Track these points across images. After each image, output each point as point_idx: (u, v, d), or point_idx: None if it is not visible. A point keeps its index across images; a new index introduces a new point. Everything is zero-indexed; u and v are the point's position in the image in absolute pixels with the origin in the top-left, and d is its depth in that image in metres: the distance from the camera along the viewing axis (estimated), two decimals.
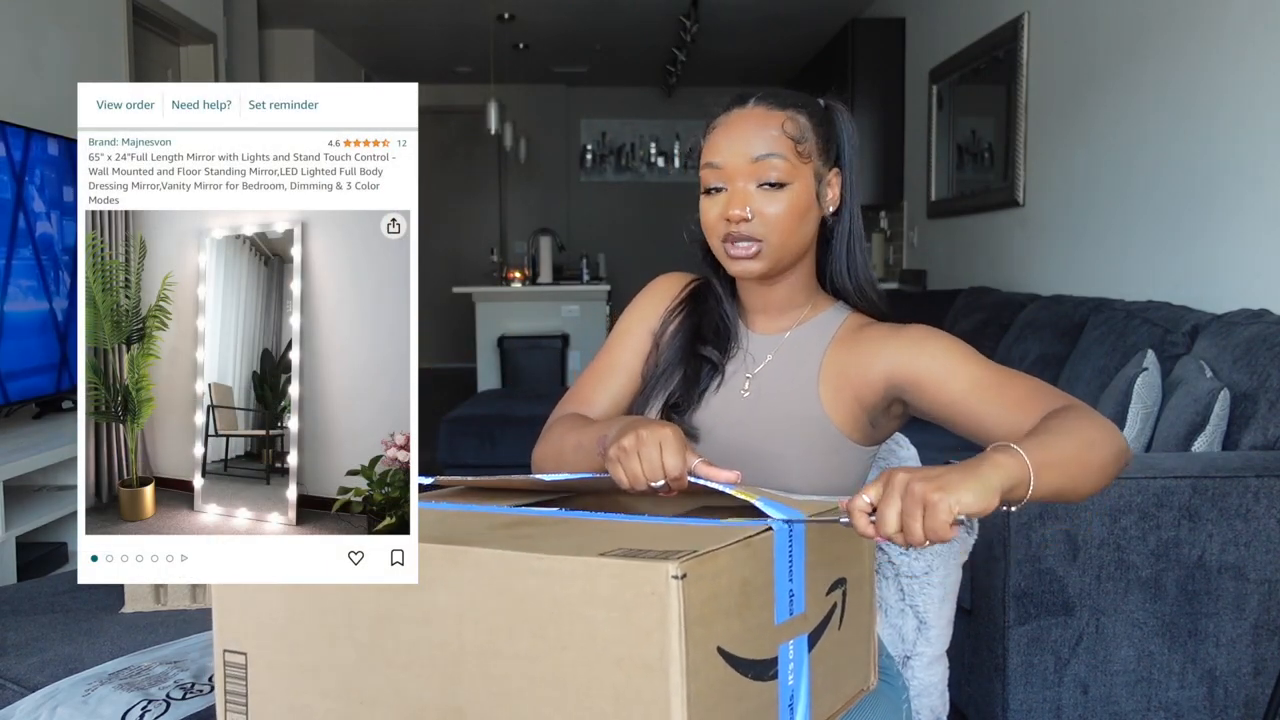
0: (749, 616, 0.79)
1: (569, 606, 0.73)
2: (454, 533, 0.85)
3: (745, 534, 0.79)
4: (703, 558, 0.73)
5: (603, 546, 0.76)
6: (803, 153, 1.16)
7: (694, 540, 0.78)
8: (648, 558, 0.72)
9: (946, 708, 1.31)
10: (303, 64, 6.87)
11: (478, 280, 7.52)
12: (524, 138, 7.99)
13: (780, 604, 0.83)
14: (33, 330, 2.70)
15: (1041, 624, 1.83)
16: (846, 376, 1.18)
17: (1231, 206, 2.60)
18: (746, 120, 1.17)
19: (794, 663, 0.85)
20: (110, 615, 1.67)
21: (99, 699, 1.25)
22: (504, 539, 0.82)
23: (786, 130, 1.15)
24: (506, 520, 0.91)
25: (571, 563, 0.73)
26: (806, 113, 1.18)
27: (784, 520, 0.84)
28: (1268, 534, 1.79)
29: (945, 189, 4.83)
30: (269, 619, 0.89)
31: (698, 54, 7.38)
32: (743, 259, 1.16)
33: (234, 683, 0.92)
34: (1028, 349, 3.12)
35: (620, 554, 0.73)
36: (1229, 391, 2.03)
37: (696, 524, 0.86)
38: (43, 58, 3.26)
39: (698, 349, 1.25)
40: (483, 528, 0.87)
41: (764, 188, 1.15)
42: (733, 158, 1.16)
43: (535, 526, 0.87)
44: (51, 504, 2.49)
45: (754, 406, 1.20)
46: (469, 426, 3.88)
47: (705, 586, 0.72)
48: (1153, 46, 2.98)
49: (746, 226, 1.15)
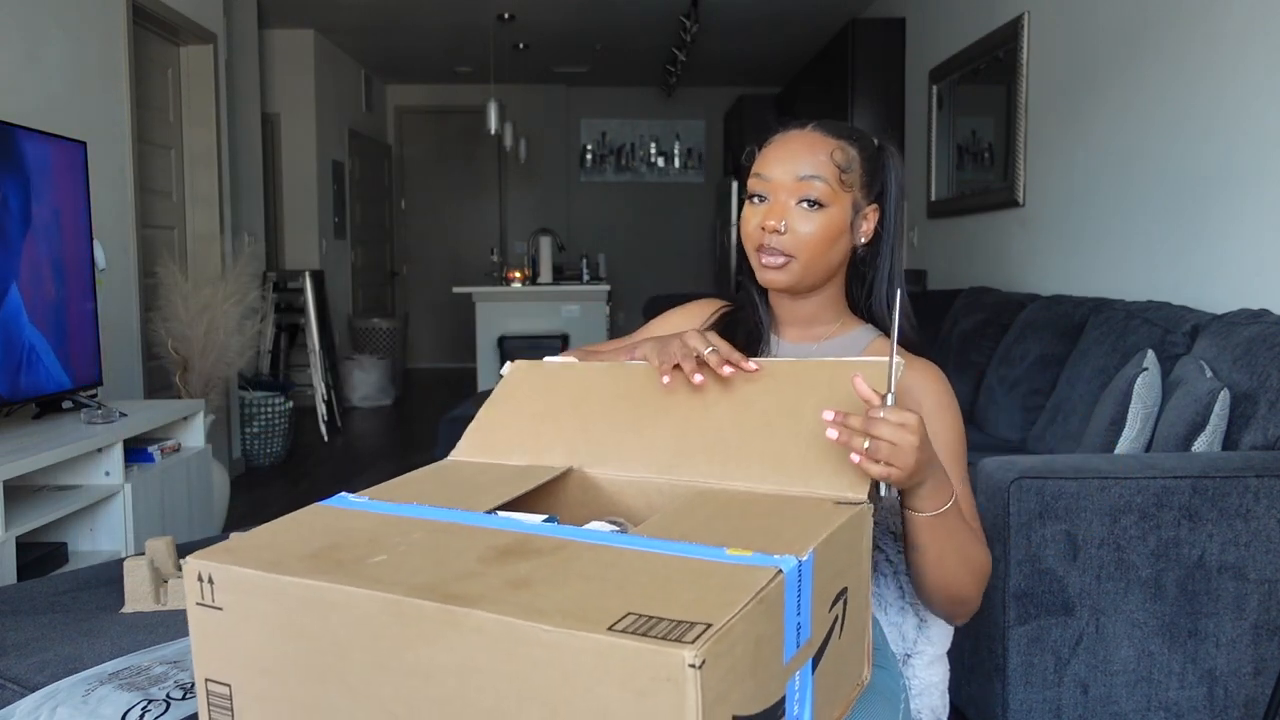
0: (760, 671, 0.76)
1: (580, 683, 0.69)
2: (444, 572, 0.80)
3: (755, 586, 0.76)
4: (720, 635, 0.69)
5: (609, 609, 0.71)
6: (846, 181, 1.23)
7: (702, 594, 0.74)
8: (661, 637, 0.67)
9: (947, 708, 1.31)
10: (303, 64, 6.87)
11: (478, 280, 7.52)
12: (524, 138, 7.99)
13: (789, 642, 0.81)
14: (33, 330, 2.70)
15: (1041, 624, 1.83)
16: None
17: (1231, 206, 2.60)
18: (800, 140, 1.24)
19: (799, 691, 0.83)
20: (110, 615, 1.67)
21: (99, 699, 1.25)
22: (500, 589, 0.76)
23: (835, 158, 1.23)
24: (497, 545, 0.86)
25: (582, 640, 0.69)
26: (858, 146, 1.26)
27: (794, 563, 0.81)
28: (1268, 534, 1.79)
29: (945, 189, 4.83)
30: (254, 652, 0.85)
31: (698, 54, 7.38)
32: (771, 269, 1.24)
33: (219, 713, 0.88)
34: (1028, 349, 3.11)
35: (633, 629, 0.68)
36: (1229, 391, 2.03)
37: (699, 558, 0.81)
38: (42, 58, 3.26)
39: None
40: (473, 562, 0.82)
41: (802, 206, 1.22)
42: (779, 173, 1.23)
43: (529, 561, 0.82)
44: (51, 504, 2.49)
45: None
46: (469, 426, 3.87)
47: (723, 663, 0.69)
48: (1153, 46, 2.98)
49: (779, 239, 1.23)
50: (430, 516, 0.95)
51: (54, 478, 2.66)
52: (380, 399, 7.18)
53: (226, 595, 0.84)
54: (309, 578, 0.80)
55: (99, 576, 1.88)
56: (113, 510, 2.71)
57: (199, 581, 0.85)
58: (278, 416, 5.03)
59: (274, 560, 0.84)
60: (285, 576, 0.81)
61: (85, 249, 2.99)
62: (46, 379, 2.76)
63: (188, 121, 4.54)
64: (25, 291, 2.67)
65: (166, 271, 3.73)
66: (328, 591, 0.78)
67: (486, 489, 1.07)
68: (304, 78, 6.88)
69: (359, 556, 0.84)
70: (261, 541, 0.89)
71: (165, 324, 3.69)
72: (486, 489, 1.07)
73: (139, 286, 3.86)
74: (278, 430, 5.05)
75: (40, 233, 2.75)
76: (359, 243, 7.96)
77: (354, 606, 0.77)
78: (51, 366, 2.79)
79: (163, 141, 4.34)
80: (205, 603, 0.86)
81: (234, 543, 0.89)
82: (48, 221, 2.79)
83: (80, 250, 2.96)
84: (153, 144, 4.23)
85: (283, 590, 0.81)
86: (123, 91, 3.75)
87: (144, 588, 1.71)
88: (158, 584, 1.74)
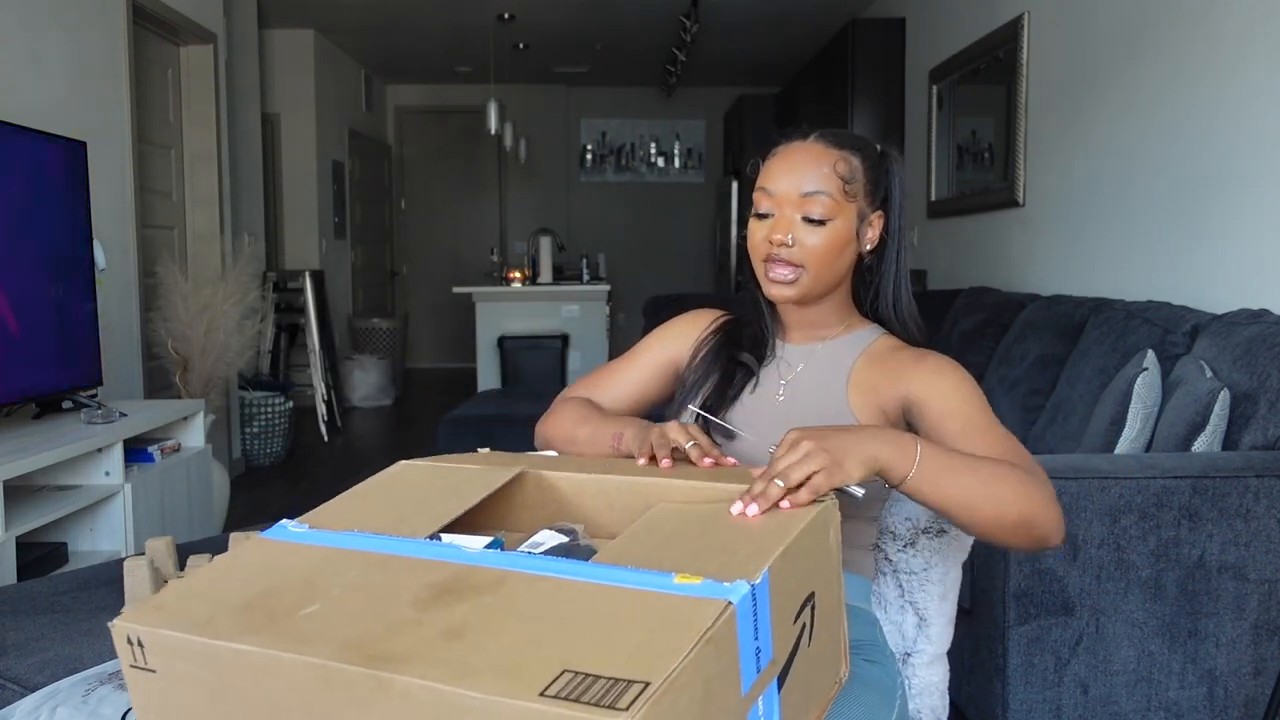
0: (713, 709, 0.72)
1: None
2: (376, 624, 0.76)
3: (704, 626, 0.71)
4: (660, 695, 0.64)
5: (543, 668, 0.67)
6: (849, 192, 1.25)
7: (646, 639, 0.70)
8: (593, 702, 0.63)
9: (946, 709, 1.31)
10: (303, 64, 6.87)
11: (478, 280, 7.52)
12: (524, 138, 7.99)
13: (746, 672, 0.77)
14: (33, 330, 2.70)
15: (1041, 624, 1.83)
16: (873, 388, 1.26)
17: (1231, 206, 2.60)
18: (803, 154, 1.26)
19: (764, 714, 0.80)
20: (110, 615, 1.67)
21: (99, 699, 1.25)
22: (432, 644, 0.72)
23: (838, 170, 1.24)
24: (433, 583, 0.81)
25: (512, 709, 0.64)
26: (861, 155, 1.27)
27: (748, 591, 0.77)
28: (1268, 534, 1.79)
29: (945, 189, 4.83)
30: (190, 711, 0.81)
31: (698, 54, 7.38)
32: (780, 284, 1.26)
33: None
34: (1028, 349, 3.11)
35: (564, 694, 0.64)
36: (1229, 391, 2.03)
37: (645, 589, 0.77)
38: (43, 57, 3.26)
39: (735, 355, 1.35)
40: (408, 608, 0.77)
41: (807, 221, 1.24)
42: (784, 188, 1.25)
43: (466, 602, 0.78)
44: (51, 504, 2.48)
45: (788, 409, 1.28)
46: (469, 426, 3.88)
47: (662, 718, 0.65)
48: (1153, 46, 2.98)
49: (786, 252, 1.24)
50: (368, 548, 0.90)
51: (54, 478, 2.66)
52: (380, 399, 7.18)
53: (157, 659, 0.81)
54: (237, 641, 0.76)
55: (99, 576, 1.88)
56: (113, 510, 2.71)
57: (129, 644, 0.81)
58: (278, 416, 5.03)
59: (205, 619, 0.80)
60: (214, 641, 0.77)
61: (85, 249, 2.99)
62: (46, 379, 2.76)
63: (188, 121, 4.54)
64: (25, 291, 2.67)
65: (166, 271, 3.73)
66: (256, 656, 0.75)
67: (433, 503, 1.02)
68: (304, 78, 6.87)
69: (291, 605, 0.80)
70: (196, 591, 0.85)
71: (165, 324, 3.69)
72: (433, 503, 1.02)
73: (139, 286, 3.86)
74: (278, 430, 5.05)
75: (40, 233, 2.75)
76: (359, 243, 7.96)
77: (283, 672, 0.74)
78: (51, 367, 2.79)
79: (163, 141, 4.34)
80: (138, 664, 0.82)
81: (166, 597, 0.85)
82: (48, 221, 2.79)
83: (80, 250, 2.96)
84: (153, 144, 4.23)
85: (214, 654, 0.77)
86: (123, 91, 3.75)
87: (144, 588, 1.71)
88: (158, 584, 1.73)
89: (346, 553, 0.90)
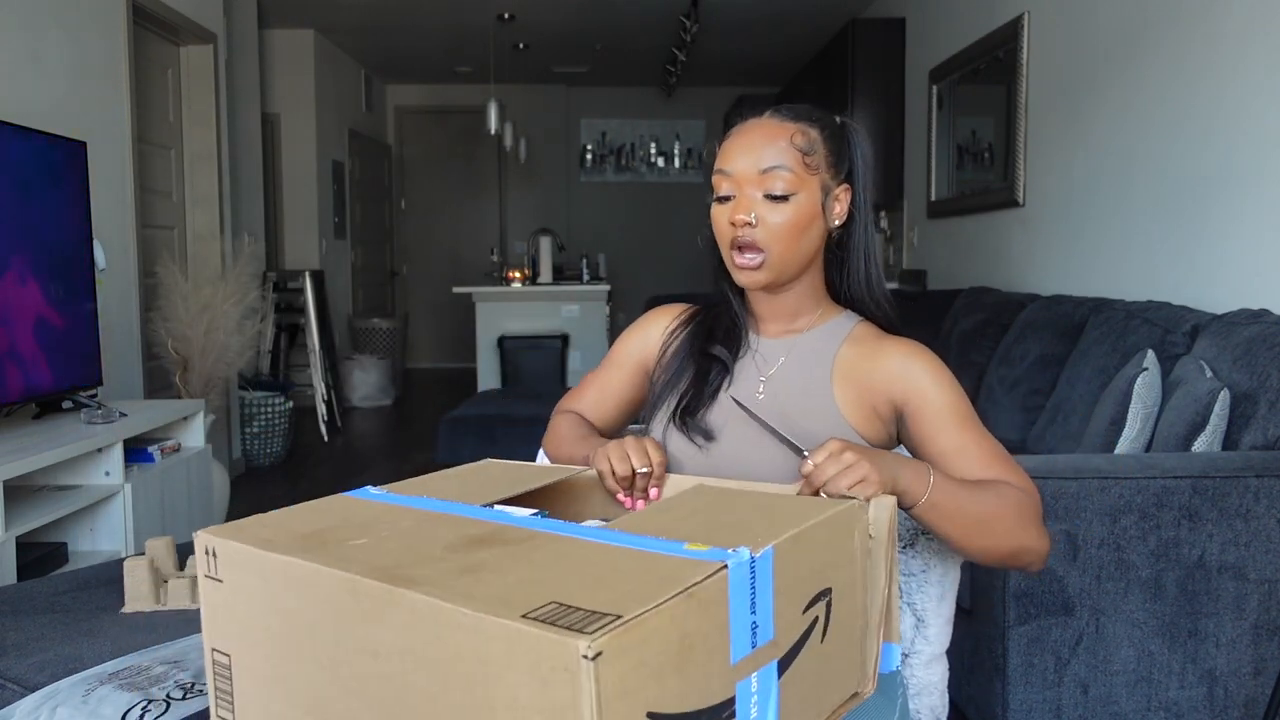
0: (691, 669, 0.75)
1: (494, 669, 0.71)
2: (408, 556, 0.83)
3: (689, 581, 0.75)
4: (627, 628, 0.68)
5: (535, 597, 0.73)
6: (810, 165, 1.19)
7: (635, 587, 0.74)
8: (566, 626, 0.68)
9: (946, 708, 1.31)
10: (303, 64, 6.87)
11: (478, 280, 7.52)
12: (524, 138, 7.99)
13: (738, 642, 0.79)
14: (33, 330, 2.70)
15: (1041, 624, 1.83)
16: (857, 378, 1.22)
17: (1231, 206, 2.60)
18: (758, 130, 1.21)
19: (758, 694, 0.82)
20: (110, 615, 1.67)
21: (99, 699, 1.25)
22: (447, 574, 0.79)
23: (795, 142, 1.19)
24: (471, 535, 0.89)
25: (495, 625, 0.70)
26: (819, 126, 1.22)
27: (745, 558, 0.80)
28: (1268, 534, 1.79)
29: (945, 189, 4.83)
30: (249, 624, 0.89)
31: (698, 54, 7.38)
32: (748, 269, 1.21)
33: (221, 681, 0.93)
34: (1028, 349, 3.11)
35: (544, 617, 0.69)
36: (1229, 391, 2.03)
37: (657, 551, 0.82)
38: (43, 57, 3.26)
39: (708, 349, 1.30)
40: (440, 549, 0.85)
41: (769, 199, 1.19)
42: (742, 166, 1.20)
43: (492, 549, 0.85)
44: (51, 504, 2.49)
45: (769, 406, 1.24)
46: (469, 426, 3.88)
47: (628, 658, 0.68)
48: (1153, 46, 2.98)
49: (750, 233, 1.19)
50: (430, 508, 1.00)
51: (54, 478, 2.66)
52: (380, 399, 7.18)
53: (225, 569, 0.91)
54: (290, 555, 0.85)
55: (99, 576, 1.88)
56: (113, 510, 2.71)
57: (205, 554, 0.92)
58: (278, 416, 5.03)
59: (269, 539, 0.90)
60: (270, 554, 0.86)
61: (85, 249, 2.99)
62: (46, 379, 2.76)
63: (188, 121, 4.54)
64: (26, 291, 2.67)
65: (166, 271, 3.73)
66: (299, 568, 0.84)
67: (501, 485, 1.11)
68: (304, 78, 6.87)
69: (344, 538, 0.89)
70: (270, 521, 0.95)
71: (165, 324, 3.69)
72: (501, 485, 1.11)
73: (139, 286, 3.86)
74: (278, 430, 5.05)
75: (40, 233, 2.75)
76: (359, 243, 7.96)
77: (320, 584, 0.82)
78: (51, 367, 2.79)
79: (163, 141, 4.34)
80: (210, 574, 0.92)
81: (244, 522, 0.96)
82: (47, 221, 2.79)
83: (80, 250, 2.96)
84: (153, 144, 4.23)
85: (267, 565, 0.87)
86: (123, 91, 3.75)
87: (144, 588, 1.71)
88: (158, 584, 1.74)
89: (408, 509, 0.99)
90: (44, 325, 2.75)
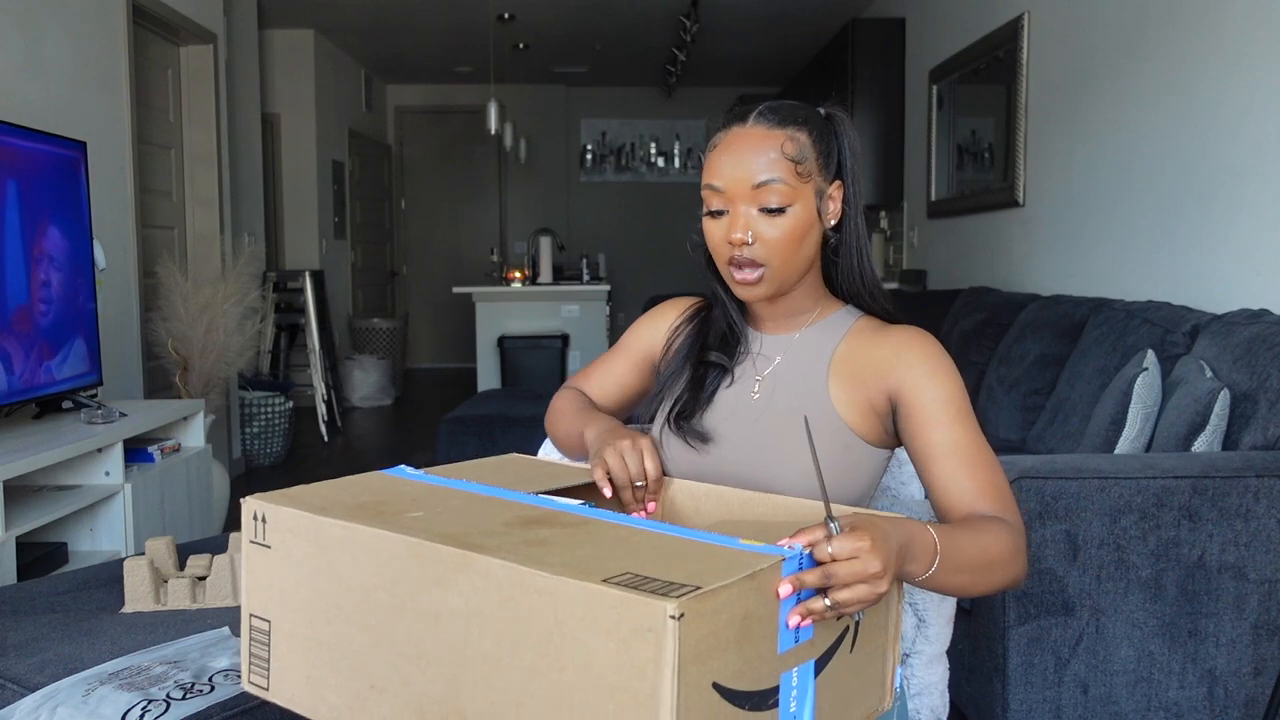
0: (748, 649, 0.77)
1: (570, 629, 0.73)
2: (471, 528, 0.86)
3: (754, 566, 0.77)
4: (704, 595, 0.71)
5: (610, 568, 0.75)
6: (803, 173, 1.16)
7: (703, 567, 0.77)
8: (649, 590, 0.70)
9: (946, 708, 1.31)
10: (303, 64, 6.87)
11: (478, 280, 7.52)
12: (524, 138, 7.99)
13: (784, 632, 0.81)
14: (33, 330, 2.70)
15: (1041, 624, 1.83)
16: (856, 376, 1.20)
17: (1231, 206, 2.60)
18: (746, 141, 1.17)
19: (797, 689, 0.84)
20: (110, 615, 1.67)
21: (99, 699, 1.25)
22: (516, 545, 0.81)
23: (786, 152, 1.15)
24: (526, 515, 0.91)
25: (575, 587, 0.72)
26: (807, 128, 1.18)
27: (798, 552, 0.82)
28: (1268, 534, 1.79)
29: (945, 189, 4.83)
30: (292, 590, 0.91)
31: (698, 54, 7.38)
32: (747, 284, 1.19)
33: (258, 647, 0.94)
34: (1028, 349, 3.11)
35: (624, 583, 0.72)
36: (1229, 391, 2.03)
37: (713, 543, 0.84)
38: (43, 57, 3.26)
39: (704, 355, 1.29)
40: (500, 524, 0.88)
41: (764, 212, 1.16)
42: (733, 183, 1.16)
43: (552, 528, 0.87)
44: (51, 504, 2.48)
45: (765, 407, 1.22)
46: (469, 426, 3.88)
47: (704, 624, 0.71)
48: (1152, 46, 2.98)
49: (749, 250, 1.17)
50: (475, 490, 1.02)
51: (54, 478, 2.66)
52: (380, 399, 7.18)
53: (275, 534, 0.92)
54: (348, 520, 0.87)
55: (99, 576, 1.88)
56: (113, 510, 2.71)
57: (253, 520, 0.93)
58: (278, 416, 5.03)
59: (322, 506, 0.91)
60: (327, 519, 0.88)
61: (85, 249, 2.99)
62: (46, 379, 2.76)
63: (188, 121, 4.54)
64: (26, 291, 2.67)
65: (166, 271, 3.73)
66: (361, 533, 0.86)
67: (541, 477, 1.14)
68: (304, 78, 6.87)
69: (399, 510, 0.91)
70: (317, 491, 0.98)
71: (165, 324, 3.69)
72: (541, 477, 1.14)
73: (139, 286, 3.86)
74: (278, 430, 5.05)
75: (40, 233, 2.75)
76: (359, 243, 7.96)
77: (381, 548, 0.84)
78: (50, 367, 2.79)
79: (163, 141, 4.34)
80: (256, 540, 0.93)
81: (292, 490, 0.97)
82: (47, 221, 2.79)
83: (80, 250, 2.96)
84: (153, 144, 4.23)
85: (322, 530, 0.88)
86: (123, 91, 3.75)
87: (144, 588, 1.71)
88: (158, 584, 1.73)
89: (454, 490, 1.02)
90: (44, 325, 2.75)
